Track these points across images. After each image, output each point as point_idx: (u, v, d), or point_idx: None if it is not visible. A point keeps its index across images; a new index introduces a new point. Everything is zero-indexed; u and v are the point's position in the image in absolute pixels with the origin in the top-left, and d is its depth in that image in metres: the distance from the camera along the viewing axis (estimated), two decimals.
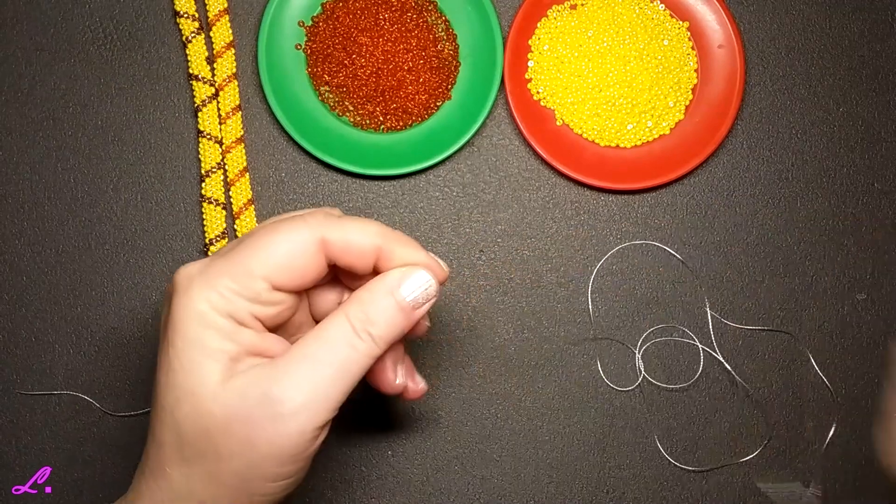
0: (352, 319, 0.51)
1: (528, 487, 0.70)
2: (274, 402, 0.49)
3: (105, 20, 0.71)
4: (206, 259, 0.51)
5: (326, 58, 0.70)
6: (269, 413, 0.49)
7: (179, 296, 0.50)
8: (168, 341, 0.50)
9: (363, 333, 0.51)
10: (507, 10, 0.71)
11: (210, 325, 0.49)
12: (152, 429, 0.51)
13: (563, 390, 0.70)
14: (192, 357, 0.49)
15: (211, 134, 0.70)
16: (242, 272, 0.50)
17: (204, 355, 0.49)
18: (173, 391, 0.49)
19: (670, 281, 0.70)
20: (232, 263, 0.50)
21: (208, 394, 0.49)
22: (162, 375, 0.50)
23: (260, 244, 0.50)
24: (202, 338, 0.49)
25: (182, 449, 0.50)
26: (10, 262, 0.70)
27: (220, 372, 0.49)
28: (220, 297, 0.50)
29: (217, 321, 0.50)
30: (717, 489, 0.69)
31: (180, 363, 0.49)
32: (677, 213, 0.70)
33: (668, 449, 0.70)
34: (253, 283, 0.50)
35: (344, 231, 0.51)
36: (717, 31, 0.70)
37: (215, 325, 0.49)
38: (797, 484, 0.69)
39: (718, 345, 0.70)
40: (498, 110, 0.71)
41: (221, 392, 0.49)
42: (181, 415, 0.49)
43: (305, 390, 0.49)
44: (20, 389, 0.69)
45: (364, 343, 0.51)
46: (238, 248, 0.51)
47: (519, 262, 0.70)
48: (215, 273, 0.50)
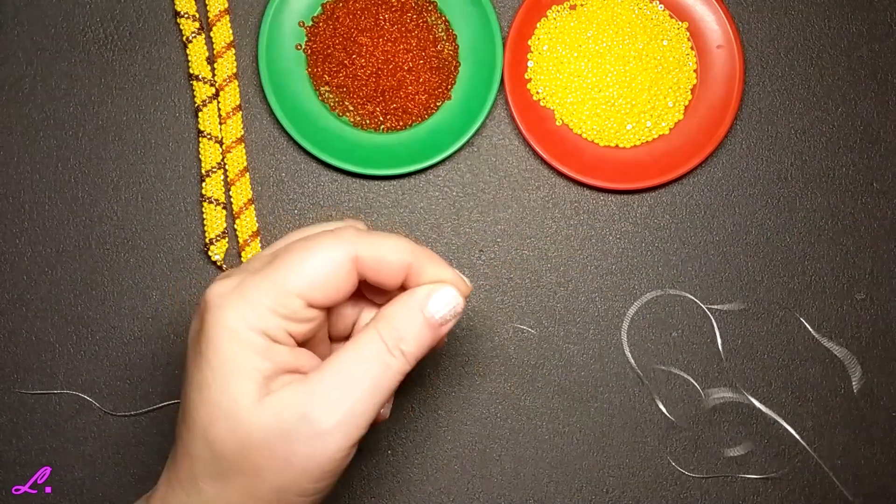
0: (384, 337, 0.51)
1: (528, 487, 0.70)
2: (312, 422, 0.49)
3: (106, 20, 0.71)
4: (239, 275, 0.51)
5: (326, 58, 0.70)
6: (307, 432, 0.49)
7: (213, 313, 0.50)
8: (201, 358, 0.50)
9: (395, 351, 0.51)
10: (507, 10, 0.71)
11: (245, 343, 0.49)
12: (183, 442, 0.51)
13: (562, 390, 0.70)
14: (227, 375, 0.49)
15: (211, 134, 0.70)
16: (278, 290, 0.50)
17: (239, 374, 0.49)
18: (207, 408, 0.50)
19: (670, 280, 0.70)
20: (267, 281, 0.50)
21: (245, 412, 0.49)
22: (194, 392, 0.50)
23: (295, 261, 0.50)
24: (237, 356, 0.49)
25: (217, 464, 0.50)
26: (10, 261, 0.70)
27: (256, 390, 0.49)
28: (256, 314, 0.50)
29: (252, 339, 0.50)
30: (716, 489, 0.70)
31: (215, 381, 0.49)
32: (676, 213, 0.71)
33: (668, 448, 0.70)
34: (288, 301, 0.50)
35: (377, 248, 0.52)
36: (717, 31, 0.70)
37: (250, 344, 0.50)
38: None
39: (721, 343, 0.70)
40: (498, 110, 0.71)
41: (259, 411, 0.49)
42: (217, 432, 0.50)
43: (342, 410, 0.50)
44: (20, 389, 0.70)
45: (396, 360, 0.51)
46: (272, 264, 0.50)
47: (519, 262, 0.71)
48: (250, 290, 0.50)
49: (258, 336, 0.50)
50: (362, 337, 0.51)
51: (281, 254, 0.51)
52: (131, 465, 0.69)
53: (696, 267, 0.70)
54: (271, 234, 0.70)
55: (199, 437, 0.50)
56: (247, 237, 0.70)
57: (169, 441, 0.69)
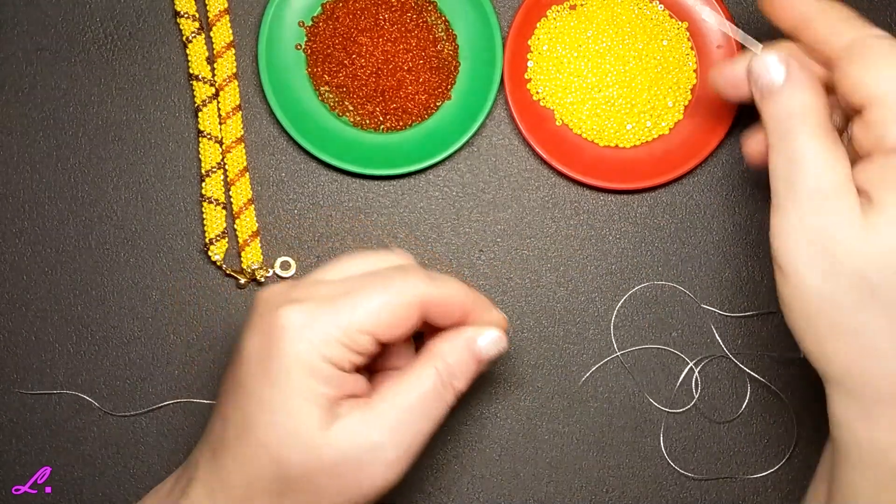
0: (441, 373, 0.55)
1: (528, 487, 0.70)
2: (379, 450, 0.53)
3: (106, 20, 0.71)
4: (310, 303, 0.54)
5: (326, 58, 0.70)
6: (376, 460, 0.53)
7: (289, 341, 0.53)
8: (271, 381, 0.53)
9: (449, 386, 0.56)
10: (507, 10, 0.71)
11: (317, 373, 0.53)
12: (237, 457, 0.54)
13: (562, 390, 0.70)
14: (298, 401, 0.53)
15: (211, 134, 0.70)
16: (350, 326, 0.53)
17: (310, 401, 0.53)
18: (277, 431, 0.53)
19: (669, 280, 0.70)
20: (341, 315, 0.53)
21: (317, 438, 0.53)
22: (261, 413, 0.53)
23: (369, 301, 0.54)
24: (309, 385, 0.53)
25: (279, 484, 0.53)
26: (10, 261, 0.70)
27: (324, 416, 0.53)
28: (328, 347, 0.53)
29: (324, 370, 0.53)
30: (716, 489, 0.70)
31: (285, 406, 0.53)
32: (676, 213, 0.71)
33: (668, 449, 0.70)
34: (360, 338, 0.54)
35: (443, 291, 0.56)
36: (717, 31, 0.70)
37: (321, 373, 0.53)
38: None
39: (723, 342, 0.70)
40: (497, 110, 0.71)
41: (329, 437, 0.53)
42: (286, 455, 0.53)
43: (407, 442, 0.54)
44: (20, 389, 0.70)
45: (450, 395, 0.56)
46: (346, 299, 0.54)
47: (518, 262, 0.71)
48: (325, 323, 0.53)
49: (329, 367, 0.53)
50: (422, 372, 0.55)
51: (354, 289, 0.54)
52: (131, 465, 0.69)
53: (695, 267, 0.70)
54: (271, 234, 0.70)
55: (263, 457, 0.53)
56: (247, 237, 0.70)
57: (169, 441, 0.69)
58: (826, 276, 0.51)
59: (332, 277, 0.56)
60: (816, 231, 0.51)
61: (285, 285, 0.56)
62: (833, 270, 0.51)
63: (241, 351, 0.55)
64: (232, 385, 0.55)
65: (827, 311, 0.52)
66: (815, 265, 0.51)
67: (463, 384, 0.56)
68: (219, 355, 0.70)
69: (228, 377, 0.56)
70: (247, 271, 0.70)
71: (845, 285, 0.51)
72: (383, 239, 0.70)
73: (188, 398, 0.70)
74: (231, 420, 0.54)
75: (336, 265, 0.57)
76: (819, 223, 0.51)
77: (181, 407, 0.70)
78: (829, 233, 0.51)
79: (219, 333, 0.70)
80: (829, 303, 0.51)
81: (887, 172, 0.51)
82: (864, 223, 0.50)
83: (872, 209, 0.51)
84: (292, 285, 0.56)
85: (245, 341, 0.55)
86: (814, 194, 0.52)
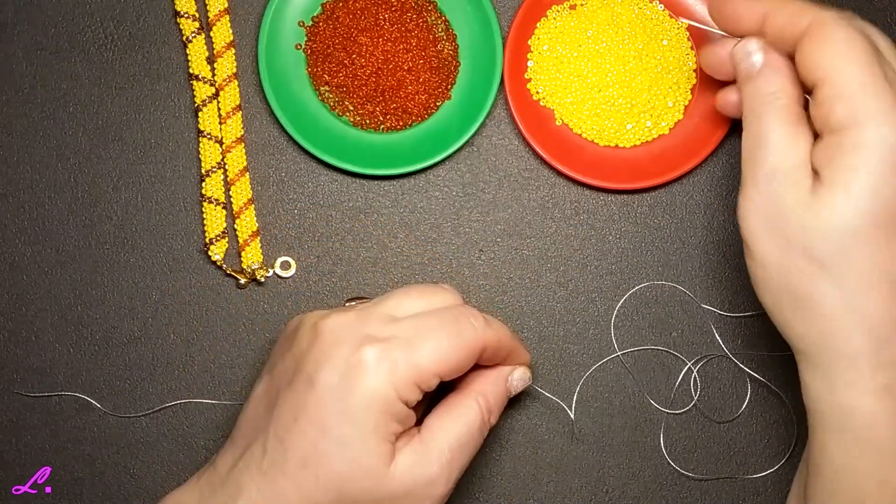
0: (483, 411, 0.60)
1: (528, 487, 0.70)
2: (434, 485, 0.57)
3: (106, 20, 0.71)
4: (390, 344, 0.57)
5: (326, 58, 0.70)
6: (429, 492, 0.57)
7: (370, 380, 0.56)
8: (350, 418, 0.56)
9: (488, 423, 0.60)
10: (507, 10, 0.71)
11: (393, 412, 0.56)
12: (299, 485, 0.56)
13: (562, 390, 0.70)
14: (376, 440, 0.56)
15: (211, 133, 0.70)
16: (426, 369, 0.57)
17: (384, 438, 0.56)
18: (349, 465, 0.56)
19: (669, 280, 0.70)
20: (419, 359, 0.56)
21: (385, 474, 0.56)
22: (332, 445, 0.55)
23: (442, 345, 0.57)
24: (386, 423, 0.56)
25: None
26: (10, 261, 0.70)
27: (391, 452, 0.56)
28: (405, 388, 0.56)
29: (399, 409, 0.56)
30: (716, 489, 0.70)
31: (364, 444, 0.56)
32: (676, 213, 0.71)
33: (668, 448, 0.70)
34: (431, 380, 0.57)
35: (499, 337, 0.60)
36: (716, 31, 0.70)
37: (397, 413, 0.56)
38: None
39: (722, 342, 0.70)
40: (497, 110, 0.71)
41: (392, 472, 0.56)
42: (355, 488, 0.56)
43: (455, 475, 0.58)
44: (20, 389, 0.70)
45: (486, 430, 0.60)
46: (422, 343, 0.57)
47: (518, 262, 0.71)
48: (405, 366, 0.56)
49: (402, 405, 0.56)
50: (468, 410, 0.59)
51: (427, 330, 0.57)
52: (131, 465, 0.69)
53: (695, 267, 0.70)
54: (271, 233, 0.70)
55: (329, 488, 0.56)
56: (247, 237, 0.70)
57: (169, 441, 0.69)
58: (783, 251, 0.55)
59: (399, 314, 0.58)
60: (772, 208, 0.55)
61: (352, 317, 0.58)
62: (788, 245, 0.55)
63: (314, 383, 0.56)
64: (299, 414, 0.56)
65: (786, 283, 0.55)
66: (773, 241, 0.55)
67: (496, 418, 0.61)
68: (219, 355, 0.70)
69: (290, 405, 0.57)
70: (247, 271, 0.70)
71: (799, 258, 0.54)
72: (383, 239, 0.70)
73: (188, 398, 0.70)
74: (294, 448, 0.56)
75: (398, 299, 0.59)
76: (775, 201, 0.55)
77: (181, 407, 0.70)
78: (781, 210, 0.55)
79: (219, 333, 0.70)
80: (786, 276, 0.55)
81: (831, 151, 0.54)
82: (812, 200, 0.54)
83: (821, 186, 0.54)
84: (361, 319, 0.58)
85: (321, 374, 0.56)
86: (772, 174, 0.55)
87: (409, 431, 0.58)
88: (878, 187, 0.53)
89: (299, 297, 0.70)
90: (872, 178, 0.53)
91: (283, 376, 0.58)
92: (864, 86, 0.53)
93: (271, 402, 0.58)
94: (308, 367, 0.57)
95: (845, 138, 0.53)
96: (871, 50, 0.55)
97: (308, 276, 0.70)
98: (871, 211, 0.53)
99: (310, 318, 0.59)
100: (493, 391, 0.61)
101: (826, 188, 0.54)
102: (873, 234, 0.53)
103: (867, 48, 0.55)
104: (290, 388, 0.57)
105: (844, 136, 0.54)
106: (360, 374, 0.56)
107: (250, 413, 0.60)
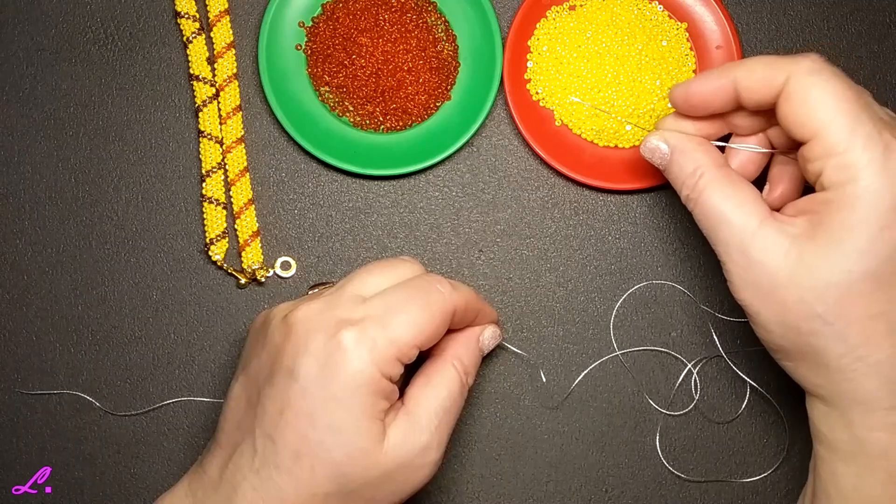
0: (461, 373, 0.61)
1: (528, 487, 0.70)
2: (427, 452, 0.58)
3: (106, 21, 0.71)
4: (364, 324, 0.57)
5: (326, 58, 0.70)
6: (425, 460, 0.58)
7: (351, 364, 0.56)
8: (337, 403, 0.56)
9: (465, 383, 0.61)
10: (507, 10, 0.71)
11: (379, 390, 0.57)
12: (299, 479, 0.56)
13: (562, 390, 0.70)
14: (366, 421, 0.56)
15: (211, 134, 0.70)
16: (404, 343, 0.57)
17: (374, 417, 0.56)
18: (345, 450, 0.56)
19: (670, 280, 0.70)
20: (395, 334, 0.57)
21: (379, 452, 0.57)
22: (328, 435, 0.56)
23: (415, 316, 0.57)
24: (374, 402, 0.56)
25: (343, 497, 0.57)
26: (10, 261, 0.70)
27: (381, 428, 0.57)
28: (387, 364, 0.56)
29: (384, 386, 0.57)
30: (716, 489, 0.70)
31: (354, 425, 0.56)
32: (676, 213, 0.71)
33: (664, 449, 0.70)
34: (410, 352, 0.57)
35: (466, 299, 0.60)
36: (716, 31, 0.70)
37: (382, 390, 0.57)
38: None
39: (720, 343, 0.70)
40: (497, 110, 0.71)
41: (386, 447, 0.57)
42: (354, 470, 0.56)
43: (445, 438, 0.59)
44: (21, 389, 0.70)
45: (465, 391, 0.61)
46: (395, 318, 0.57)
47: (518, 262, 0.71)
48: (384, 344, 0.56)
49: (387, 382, 0.57)
50: (447, 375, 0.60)
51: (397, 305, 0.58)
52: (131, 464, 0.70)
53: (695, 267, 0.70)
54: (271, 233, 0.70)
55: (327, 475, 0.56)
56: (247, 237, 0.70)
57: (169, 440, 0.69)
58: (781, 315, 0.56)
59: (366, 293, 0.58)
60: (758, 277, 0.56)
61: (321, 305, 0.58)
62: (784, 309, 0.55)
63: (295, 376, 0.56)
64: (284, 408, 0.56)
65: (792, 343, 0.56)
66: (770, 307, 0.56)
67: (473, 378, 0.62)
68: (219, 355, 0.70)
69: (273, 400, 0.57)
70: (247, 271, 0.70)
71: (799, 320, 0.55)
72: (383, 239, 0.70)
73: (188, 397, 0.70)
74: (285, 443, 0.56)
75: (362, 278, 0.60)
76: (758, 270, 0.56)
77: (182, 406, 0.70)
78: (768, 275, 0.55)
79: (219, 333, 0.70)
80: (791, 337, 0.56)
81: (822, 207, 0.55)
82: (799, 258, 0.54)
83: (813, 244, 0.54)
84: (331, 304, 0.58)
85: (300, 366, 0.56)
86: (741, 245, 0.56)
87: (395, 405, 0.58)
88: (871, 243, 0.53)
89: (299, 297, 0.70)
90: (865, 235, 0.53)
91: (261, 373, 0.58)
92: (853, 137, 0.53)
93: (251, 400, 0.58)
94: (286, 360, 0.57)
95: (836, 195, 0.54)
96: (851, 96, 0.54)
97: (308, 276, 0.70)
98: (866, 267, 0.53)
99: (278, 311, 0.59)
100: (468, 353, 0.62)
101: (820, 246, 0.54)
102: (870, 286, 0.53)
103: (847, 95, 0.54)
104: (270, 385, 0.57)
105: (835, 193, 0.54)
106: (341, 358, 0.56)
107: (230, 414, 0.59)
